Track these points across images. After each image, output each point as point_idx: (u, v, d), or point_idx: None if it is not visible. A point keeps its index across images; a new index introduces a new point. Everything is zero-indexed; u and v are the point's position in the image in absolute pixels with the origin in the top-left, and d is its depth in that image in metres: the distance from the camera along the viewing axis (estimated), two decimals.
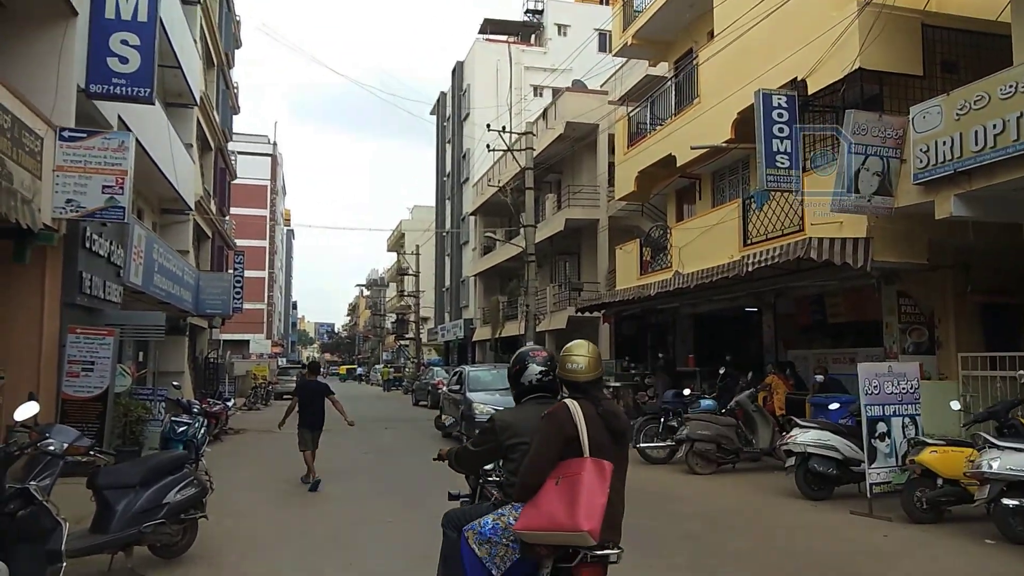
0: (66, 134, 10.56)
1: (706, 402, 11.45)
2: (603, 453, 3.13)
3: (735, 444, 10.42)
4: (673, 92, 16.79)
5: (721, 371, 11.93)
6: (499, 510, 3.39)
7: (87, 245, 11.43)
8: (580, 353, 3.34)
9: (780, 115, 11.35)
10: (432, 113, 49.04)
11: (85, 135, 10.72)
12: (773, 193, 12.39)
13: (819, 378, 11.61)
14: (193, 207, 22.43)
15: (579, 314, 20.49)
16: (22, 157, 9.13)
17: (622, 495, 3.25)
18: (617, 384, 15.51)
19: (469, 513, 3.57)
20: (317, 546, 6.98)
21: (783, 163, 11.68)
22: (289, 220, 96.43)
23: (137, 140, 15.92)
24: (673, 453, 11.47)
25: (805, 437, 8.44)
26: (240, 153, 58.77)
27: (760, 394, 12.55)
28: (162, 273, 16.68)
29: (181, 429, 10.83)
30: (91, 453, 5.69)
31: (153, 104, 13.13)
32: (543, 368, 3.59)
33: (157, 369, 21.18)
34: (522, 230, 27.39)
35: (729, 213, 13.89)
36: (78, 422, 10.44)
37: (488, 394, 14.26)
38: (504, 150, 23.68)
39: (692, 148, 14.25)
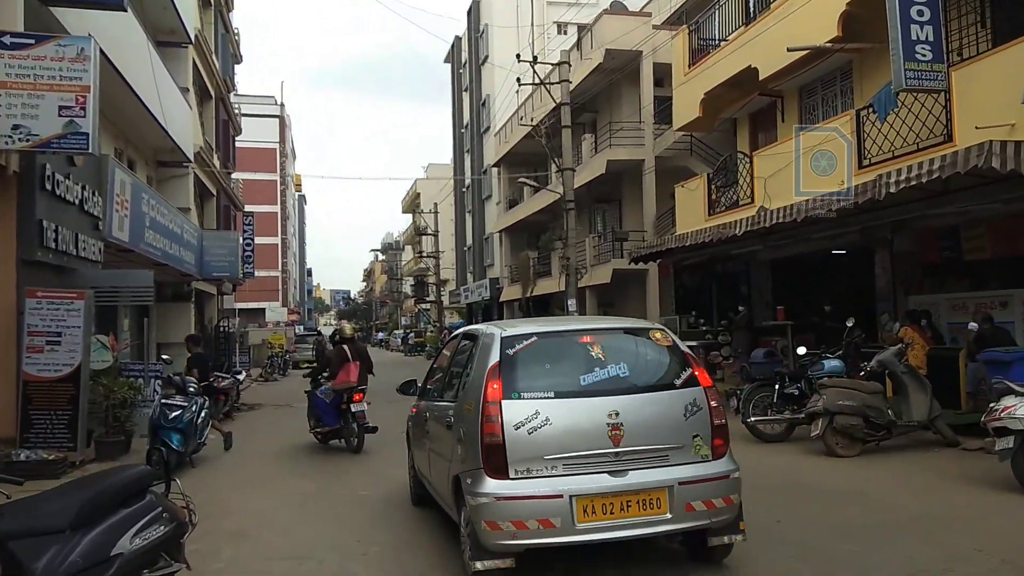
0: (8, 40, 8.17)
1: (831, 363, 9.04)
2: (354, 360, 10.27)
3: (886, 417, 8.04)
4: None
5: (849, 323, 9.52)
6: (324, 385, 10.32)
7: (49, 187, 9.10)
8: (347, 328, 11.22)
9: None
10: (446, 61, 46.05)
11: (33, 41, 8.33)
12: (900, 99, 9.84)
13: (974, 326, 9.14)
14: (192, 159, 20.02)
15: (633, 265, 18.02)
16: None
17: (364, 372, 10.33)
18: (693, 343, 13.11)
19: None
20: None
21: (924, 55, 9.10)
22: (300, 186, 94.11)
23: (121, 76, 13.59)
24: (792, 429, 9.11)
25: None
26: (246, 115, 56.43)
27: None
28: (156, 229, 14.39)
29: (174, 414, 8.60)
30: None
31: (124, 10, 10.64)
32: (337, 334, 11.14)
33: (154, 340, 19.04)
34: (552, 177, 24.90)
35: (832, 132, 11.30)
36: (44, 409, 8.27)
37: None
38: (536, 84, 21.00)
39: (789, 50, 11.61)
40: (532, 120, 23.08)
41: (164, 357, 10.47)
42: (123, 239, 12.10)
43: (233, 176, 32.16)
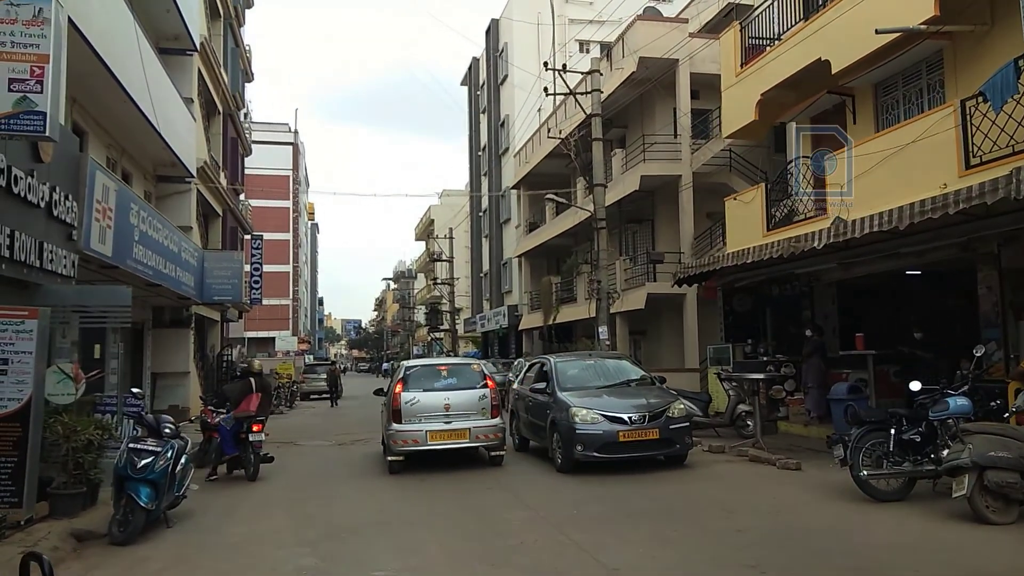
0: None
1: (958, 401, 7.24)
2: (257, 391, 10.86)
3: None
4: None
5: (978, 352, 7.72)
6: (226, 414, 10.59)
7: (3, 183, 7.53)
8: (255, 363, 11.60)
9: None
10: (463, 84, 44.95)
11: None
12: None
13: None
14: (195, 174, 18.59)
15: (676, 287, 16.28)
16: None
17: (265, 405, 11.02)
18: (759, 377, 11.27)
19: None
20: None
21: None
22: (313, 214, 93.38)
23: (109, 70, 12.13)
24: (912, 484, 7.29)
25: None
26: (260, 142, 55.59)
27: (1012, 385, 8.34)
28: (147, 245, 12.84)
29: (144, 462, 6.90)
30: None
31: None
32: (244, 367, 11.91)
33: (148, 368, 17.44)
34: (579, 196, 23.30)
35: (931, 127, 9.63)
36: None
37: (588, 395, 10.17)
38: (565, 93, 19.52)
39: (878, 32, 9.98)
40: (560, 133, 21.50)
41: (135, 390, 8.78)
42: (104, 253, 10.54)
43: (242, 198, 30.84)
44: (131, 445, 7.06)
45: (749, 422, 12.18)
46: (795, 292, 14.09)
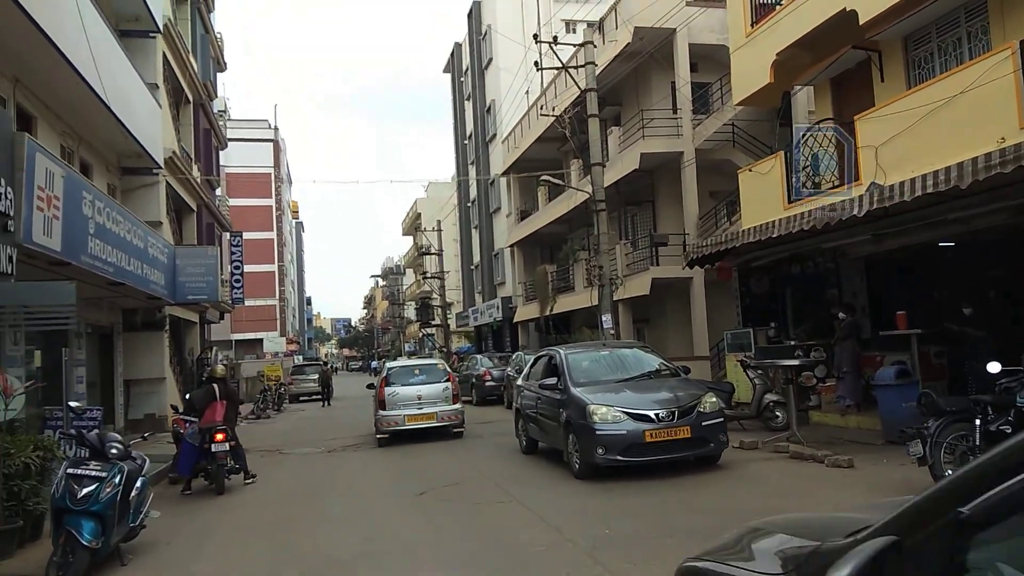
0: None
1: None
2: (221, 399, 10.07)
3: None
4: None
5: None
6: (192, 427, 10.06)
7: None
8: (218, 369, 11.38)
9: None
10: (446, 71, 43.62)
11: None
12: None
13: None
14: (163, 164, 17.26)
15: (688, 268, 15.14)
16: None
17: (232, 413, 10.37)
18: (793, 363, 10.12)
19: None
20: None
21: None
22: (297, 212, 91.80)
23: (60, 53, 10.88)
24: None
25: None
26: (239, 140, 54.01)
27: None
28: (106, 239, 11.56)
29: (85, 491, 5.69)
30: None
31: None
32: (209, 374, 11.26)
33: (120, 376, 16.11)
34: (574, 178, 22.10)
35: (983, 76, 8.52)
36: None
37: (606, 391, 9.03)
38: (557, 68, 18.32)
39: None
40: (553, 111, 20.30)
41: (71, 404, 7.49)
42: (51, 247, 9.28)
43: (219, 193, 29.47)
44: (69, 470, 5.83)
45: (778, 413, 11.10)
46: (818, 270, 13.01)
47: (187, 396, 11.39)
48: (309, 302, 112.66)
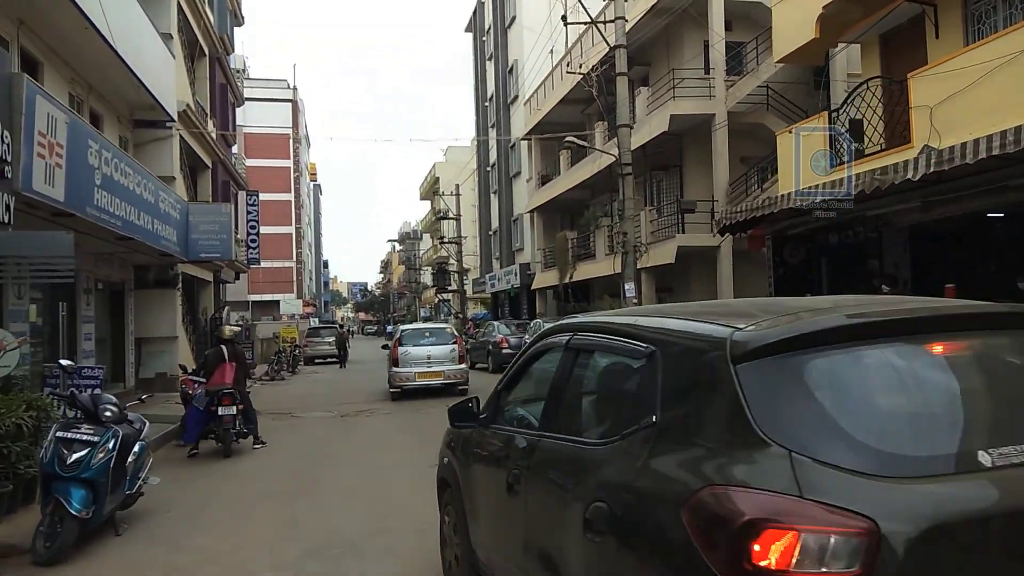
0: None
1: None
2: (230, 361, 9.90)
3: None
4: None
5: None
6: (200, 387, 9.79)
7: None
8: (226, 330, 11.21)
9: None
10: (467, 30, 42.55)
11: None
12: None
13: None
14: (176, 117, 16.73)
15: (719, 236, 14.49)
16: None
17: (241, 375, 10.06)
18: None
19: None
20: None
21: None
22: (315, 175, 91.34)
23: None
24: None
25: None
26: (257, 99, 53.36)
27: None
28: (114, 191, 11.09)
29: (76, 456, 5.27)
30: None
31: None
32: (217, 335, 11.20)
33: (134, 335, 15.80)
34: (599, 140, 21.27)
35: None
36: None
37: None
38: (585, 23, 17.51)
39: None
40: (581, 67, 19.48)
41: (62, 362, 7.06)
42: (53, 196, 8.80)
43: (235, 151, 28.99)
44: (59, 434, 5.41)
45: None
46: (859, 239, 12.30)
47: (205, 354, 11.05)
48: (326, 265, 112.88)
